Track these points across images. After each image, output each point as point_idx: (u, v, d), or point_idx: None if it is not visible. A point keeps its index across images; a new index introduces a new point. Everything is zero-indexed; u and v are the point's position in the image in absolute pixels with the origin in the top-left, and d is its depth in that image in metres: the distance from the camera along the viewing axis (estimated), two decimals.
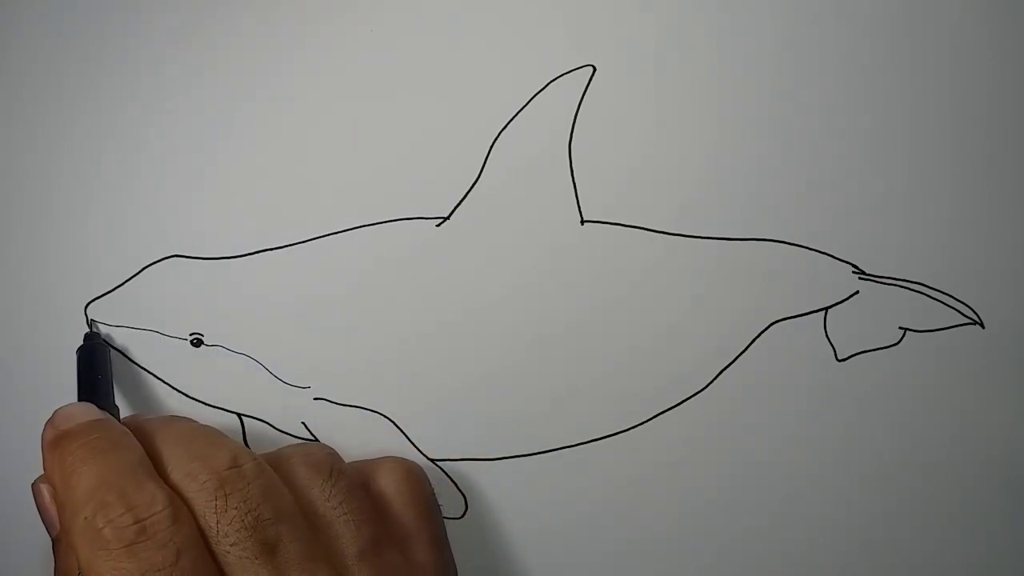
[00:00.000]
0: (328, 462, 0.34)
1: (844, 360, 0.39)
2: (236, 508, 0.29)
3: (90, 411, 0.33)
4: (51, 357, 0.38)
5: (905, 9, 0.38)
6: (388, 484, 0.35)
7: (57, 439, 0.31)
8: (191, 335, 0.38)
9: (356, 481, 0.34)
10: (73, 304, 0.38)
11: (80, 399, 0.35)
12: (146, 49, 0.38)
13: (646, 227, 0.38)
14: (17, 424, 0.38)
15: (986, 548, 0.39)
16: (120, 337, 0.38)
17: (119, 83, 0.38)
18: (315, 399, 0.38)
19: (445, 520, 0.38)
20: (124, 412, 0.38)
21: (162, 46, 0.38)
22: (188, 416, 0.37)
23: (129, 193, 0.38)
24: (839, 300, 0.39)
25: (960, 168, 0.38)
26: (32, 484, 0.33)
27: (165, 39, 0.38)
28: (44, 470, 0.32)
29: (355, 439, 0.38)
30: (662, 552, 0.39)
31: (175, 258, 0.38)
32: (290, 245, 0.38)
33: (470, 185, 0.38)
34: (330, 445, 0.38)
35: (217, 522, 0.29)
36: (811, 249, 0.38)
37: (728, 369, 0.39)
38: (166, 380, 0.38)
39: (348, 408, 0.38)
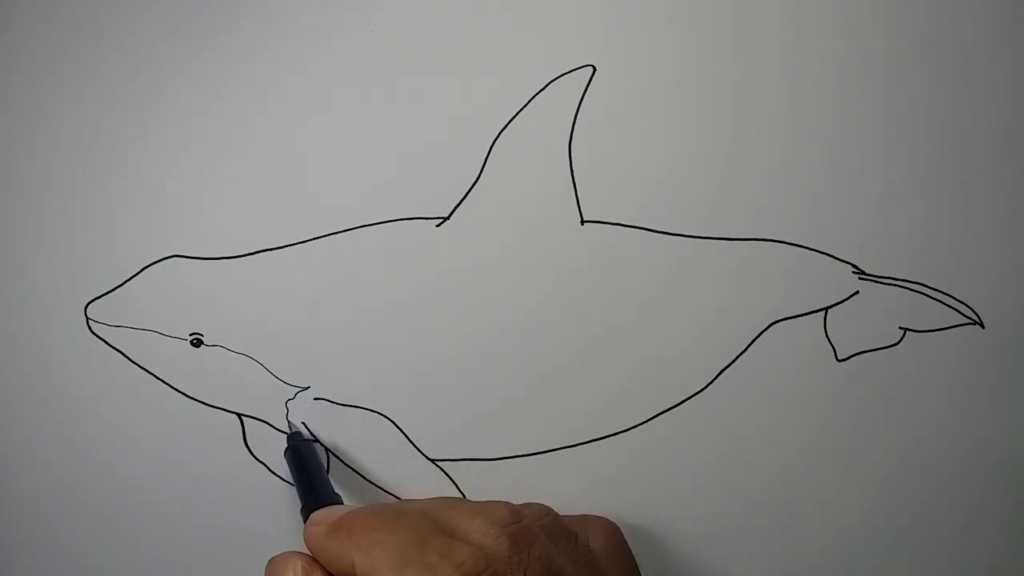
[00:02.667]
0: (567, 523, 0.34)
1: (844, 360, 0.39)
2: (539, 559, 0.30)
3: (342, 508, 0.33)
4: (51, 357, 0.38)
5: (906, 12, 0.38)
6: (597, 541, 0.35)
7: (336, 527, 0.31)
8: (191, 335, 0.38)
9: (584, 541, 0.34)
10: (73, 304, 0.38)
11: (303, 497, 0.35)
12: (146, 50, 0.38)
13: (646, 227, 0.38)
14: (17, 423, 0.38)
15: (986, 547, 0.39)
16: (120, 337, 0.38)
17: (119, 84, 0.38)
18: (315, 399, 0.38)
19: None
20: (123, 412, 0.38)
21: (162, 46, 0.38)
22: (185, 413, 0.38)
23: (129, 193, 0.38)
24: (839, 300, 0.39)
25: (960, 168, 0.38)
26: (273, 560, 0.32)
27: (166, 39, 0.38)
28: (320, 557, 0.32)
29: (355, 439, 0.38)
30: (662, 551, 0.39)
31: (175, 258, 0.38)
32: (290, 245, 0.38)
33: (470, 185, 0.38)
34: (329, 445, 0.38)
35: (524, 574, 0.29)
36: (811, 249, 0.38)
37: (728, 369, 0.39)
38: (166, 380, 0.38)
39: (348, 408, 0.38)
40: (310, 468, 0.36)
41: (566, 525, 0.33)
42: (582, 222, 0.38)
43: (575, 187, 0.38)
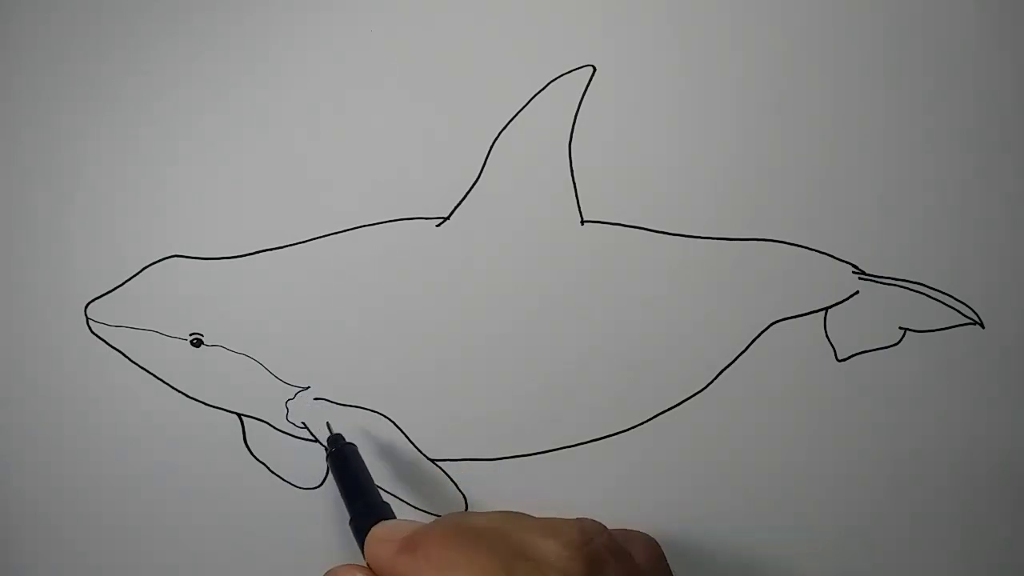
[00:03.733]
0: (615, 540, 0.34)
1: (844, 360, 0.39)
2: None
3: (407, 523, 0.33)
4: (51, 357, 0.38)
5: (906, 12, 0.38)
6: (640, 558, 0.35)
7: (408, 546, 0.30)
8: (191, 335, 0.38)
9: (635, 559, 0.34)
10: (73, 304, 0.38)
11: (350, 503, 0.34)
12: (146, 50, 0.38)
13: (646, 227, 0.38)
14: (17, 423, 0.38)
15: (986, 547, 0.39)
16: (120, 337, 0.38)
17: (120, 84, 0.38)
18: (315, 399, 0.38)
19: None
20: (123, 412, 0.38)
21: (162, 46, 0.38)
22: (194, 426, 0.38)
23: (129, 193, 0.38)
24: (839, 300, 0.39)
25: (960, 168, 0.38)
26: (331, 573, 0.31)
27: (166, 39, 0.38)
28: (385, 571, 0.31)
29: (355, 439, 0.38)
30: (662, 550, 0.39)
31: (175, 258, 0.38)
32: (290, 245, 0.38)
33: (470, 185, 0.38)
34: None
35: None
36: (811, 249, 0.38)
37: (728, 369, 0.39)
38: (166, 380, 0.38)
39: (348, 408, 0.38)
40: (357, 474, 0.35)
41: (621, 543, 0.33)
42: (582, 222, 0.38)
43: (575, 187, 0.38)
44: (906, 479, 0.39)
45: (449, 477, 0.39)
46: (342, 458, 0.36)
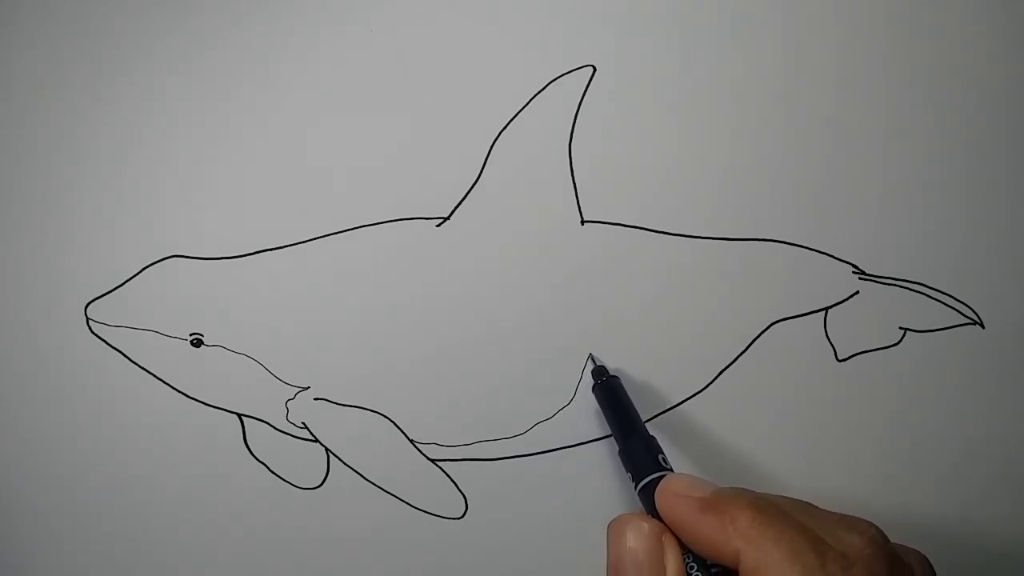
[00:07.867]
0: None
1: (844, 360, 0.39)
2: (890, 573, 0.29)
3: (702, 481, 0.32)
4: (51, 357, 0.38)
5: (907, 12, 0.38)
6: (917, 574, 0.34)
7: (712, 507, 0.30)
8: (191, 335, 0.38)
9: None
10: (73, 304, 0.38)
11: (621, 434, 0.35)
12: (146, 49, 0.38)
13: (646, 227, 0.38)
14: (18, 423, 0.38)
15: (986, 547, 0.39)
16: (120, 337, 0.38)
17: (120, 84, 0.38)
18: (315, 399, 0.38)
19: (445, 520, 0.38)
20: (123, 412, 0.38)
21: (162, 47, 0.38)
22: (194, 414, 0.38)
23: (129, 194, 0.38)
24: (839, 300, 0.39)
25: (960, 169, 0.38)
26: (618, 521, 0.31)
27: (166, 39, 0.38)
28: (685, 530, 0.30)
29: (355, 439, 0.38)
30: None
31: (175, 258, 0.38)
32: (290, 245, 0.38)
33: (470, 185, 0.38)
34: (329, 445, 0.38)
35: None
36: (811, 249, 0.38)
37: (728, 369, 0.39)
38: (166, 380, 0.38)
39: (348, 408, 0.38)
40: (627, 406, 0.36)
41: (903, 555, 0.32)
42: (582, 222, 0.38)
43: (575, 187, 0.38)
44: (905, 478, 0.39)
45: (449, 477, 0.39)
46: (610, 390, 0.36)
